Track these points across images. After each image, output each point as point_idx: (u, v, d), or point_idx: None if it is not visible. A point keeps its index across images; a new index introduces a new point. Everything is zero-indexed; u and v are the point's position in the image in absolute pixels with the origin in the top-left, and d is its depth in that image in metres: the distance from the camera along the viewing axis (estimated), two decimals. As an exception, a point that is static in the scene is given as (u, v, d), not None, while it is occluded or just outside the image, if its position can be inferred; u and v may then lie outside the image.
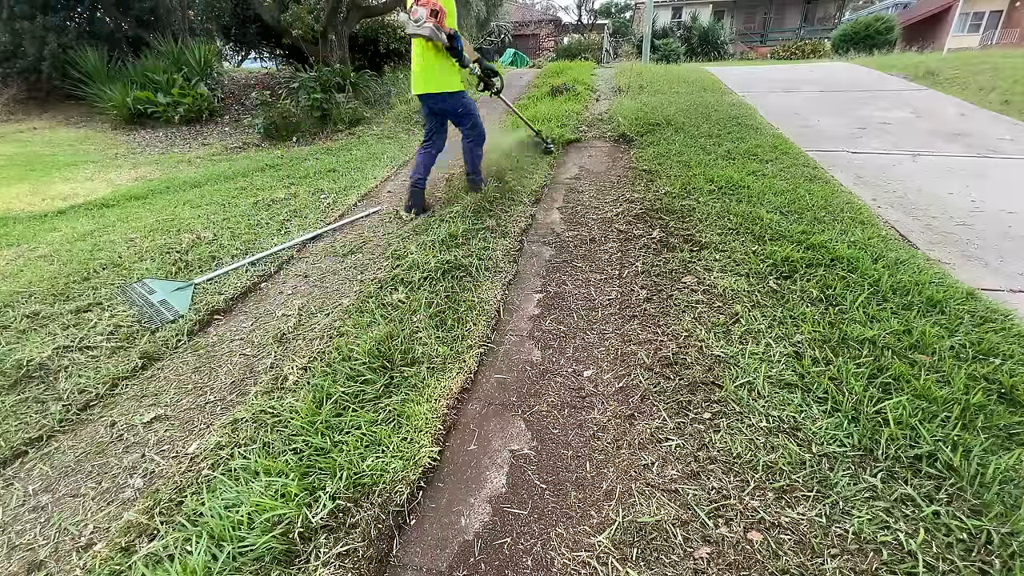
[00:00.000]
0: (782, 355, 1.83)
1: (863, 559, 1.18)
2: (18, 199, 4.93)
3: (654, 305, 2.27)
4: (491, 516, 1.42)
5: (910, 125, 4.86)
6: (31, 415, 1.91)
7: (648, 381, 1.82)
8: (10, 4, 7.51)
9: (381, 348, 1.98)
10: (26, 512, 1.55)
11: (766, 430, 1.54)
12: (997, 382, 1.61)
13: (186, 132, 7.37)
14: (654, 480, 1.45)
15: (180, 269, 2.98)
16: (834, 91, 6.57)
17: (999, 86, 5.93)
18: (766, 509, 1.32)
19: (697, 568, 1.21)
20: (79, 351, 2.24)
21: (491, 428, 1.74)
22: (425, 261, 2.64)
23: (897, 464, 1.39)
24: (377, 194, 4.23)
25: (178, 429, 1.83)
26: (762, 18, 25.64)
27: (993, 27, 21.46)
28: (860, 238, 2.56)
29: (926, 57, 9.12)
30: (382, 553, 1.32)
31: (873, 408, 1.55)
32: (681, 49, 18.43)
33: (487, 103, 6.41)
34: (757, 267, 2.39)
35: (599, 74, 9.06)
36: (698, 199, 3.19)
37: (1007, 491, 1.28)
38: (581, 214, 3.40)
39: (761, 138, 4.37)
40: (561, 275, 2.66)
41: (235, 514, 1.34)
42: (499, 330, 2.27)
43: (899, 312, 1.98)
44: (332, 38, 7.72)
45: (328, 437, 1.61)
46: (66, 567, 1.35)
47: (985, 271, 2.42)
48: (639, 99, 6.26)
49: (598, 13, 30.04)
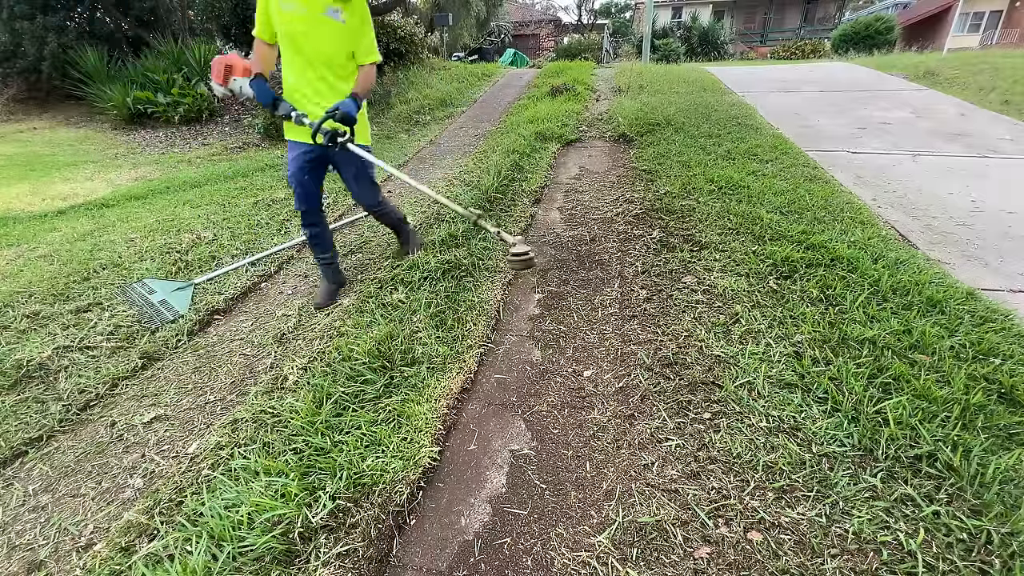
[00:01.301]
0: (782, 355, 1.83)
1: (863, 559, 1.18)
2: (18, 199, 4.93)
3: (654, 305, 2.27)
4: (491, 516, 1.42)
5: (910, 125, 4.86)
6: (31, 415, 1.91)
7: (648, 381, 1.82)
8: (10, 4, 7.51)
9: (381, 348, 1.98)
10: (26, 512, 1.55)
11: (766, 430, 1.54)
12: (997, 382, 1.61)
13: (186, 132, 7.37)
14: (654, 480, 1.45)
15: (180, 269, 2.98)
16: (834, 91, 6.57)
17: (999, 86, 5.93)
18: (766, 509, 1.32)
19: (697, 568, 1.21)
20: (79, 351, 2.24)
21: (491, 428, 1.74)
22: (425, 261, 2.64)
23: (897, 464, 1.39)
24: (377, 194, 4.22)
25: (178, 429, 1.83)
26: (762, 18, 25.63)
27: (993, 27, 21.46)
28: (860, 238, 2.56)
29: (926, 57, 9.12)
30: (382, 553, 1.32)
31: (873, 408, 1.55)
32: (681, 49, 18.42)
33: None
34: (757, 267, 2.39)
35: (599, 74, 9.06)
36: (698, 199, 3.19)
37: (1007, 491, 1.28)
38: (581, 214, 3.40)
39: (761, 138, 4.37)
40: (561, 275, 2.66)
41: (235, 514, 1.34)
42: (499, 330, 2.27)
43: (899, 312, 1.98)
44: (332, 38, 7.71)
45: (328, 437, 1.60)
46: (66, 567, 1.35)
47: (985, 271, 2.42)
48: (639, 99, 6.26)
49: (598, 13, 30.07)
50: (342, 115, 2.04)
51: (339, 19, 2.08)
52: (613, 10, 31.43)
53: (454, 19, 13.79)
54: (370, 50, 2.21)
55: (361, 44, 2.18)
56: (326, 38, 2.11)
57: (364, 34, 2.18)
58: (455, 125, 6.60)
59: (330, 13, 2.06)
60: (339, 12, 2.07)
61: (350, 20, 2.11)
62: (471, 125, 6.48)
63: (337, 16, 2.07)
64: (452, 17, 13.17)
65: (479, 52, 17.95)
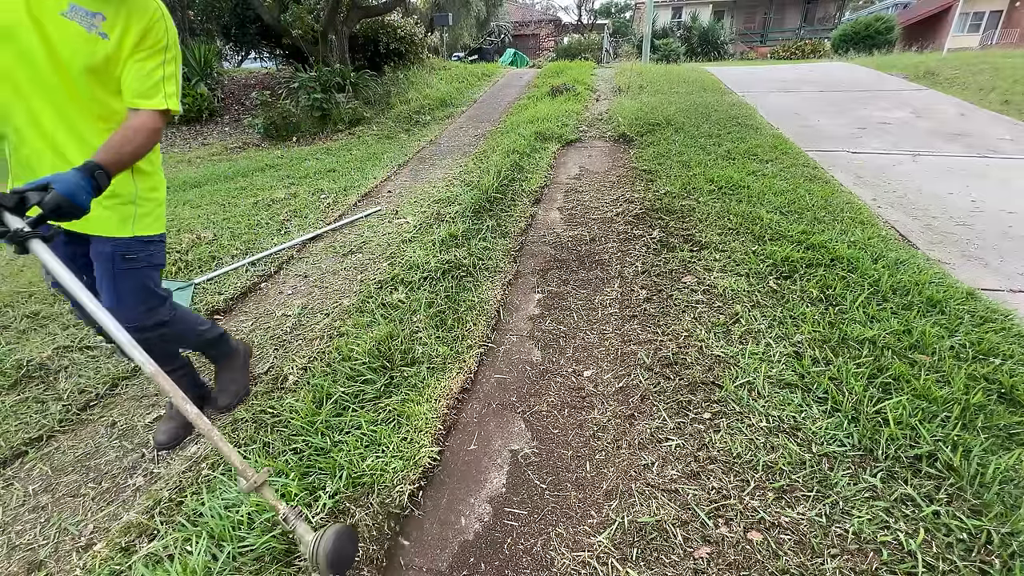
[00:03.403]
0: (782, 355, 1.83)
1: (863, 559, 1.18)
2: (18, 199, 4.92)
3: (654, 305, 2.27)
4: (491, 516, 1.42)
5: (910, 125, 4.86)
6: (31, 415, 1.91)
7: (648, 381, 1.82)
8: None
9: (381, 348, 1.98)
10: (26, 512, 1.55)
11: (766, 430, 1.54)
12: (997, 382, 1.61)
13: (186, 132, 7.36)
14: (654, 480, 1.45)
15: (180, 269, 2.98)
16: (834, 91, 6.57)
17: (999, 86, 5.93)
18: (766, 509, 1.32)
19: (697, 568, 1.21)
20: (79, 351, 2.24)
21: (491, 428, 1.74)
22: (425, 261, 2.64)
23: (897, 464, 1.39)
24: (377, 194, 4.23)
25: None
26: (762, 18, 25.63)
27: (993, 27, 21.45)
28: (860, 238, 2.56)
29: (926, 57, 9.12)
30: (382, 553, 1.32)
31: (873, 408, 1.55)
32: (681, 49, 18.43)
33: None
34: (757, 267, 2.39)
35: (599, 74, 9.06)
36: (698, 199, 3.19)
37: (1007, 491, 1.28)
38: (581, 214, 3.40)
39: (761, 138, 4.37)
40: (561, 275, 2.66)
41: (235, 514, 1.34)
42: (499, 330, 2.27)
43: (899, 312, 1.98)
44: (332, 38, 7.72)
45: (328, 437, 1.60)
46: (66, 567, 1.35)
47: (985, 271, 2.42)
48: (639, 99, 6.26)
49: (598, 13, 30.09)
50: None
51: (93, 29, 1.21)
52: (613, 10, 31.44)
53: (454, 19, 13.80)
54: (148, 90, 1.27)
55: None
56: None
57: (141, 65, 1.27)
58: (455, 125, 6.60)
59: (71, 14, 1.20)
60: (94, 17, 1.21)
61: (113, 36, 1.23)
62: (471, 125, 6.48)
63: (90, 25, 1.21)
64: (452, 17, 13.18)
65: (479, 52, 17.95)
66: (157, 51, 1.29)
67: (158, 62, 1.30)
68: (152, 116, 1.28)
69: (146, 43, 1.27)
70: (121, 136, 1.22)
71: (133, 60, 1.26)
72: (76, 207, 1.08)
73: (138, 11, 1.25)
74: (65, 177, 1.08)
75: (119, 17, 1.23)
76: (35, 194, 1.05)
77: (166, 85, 1.30)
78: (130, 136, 1.23)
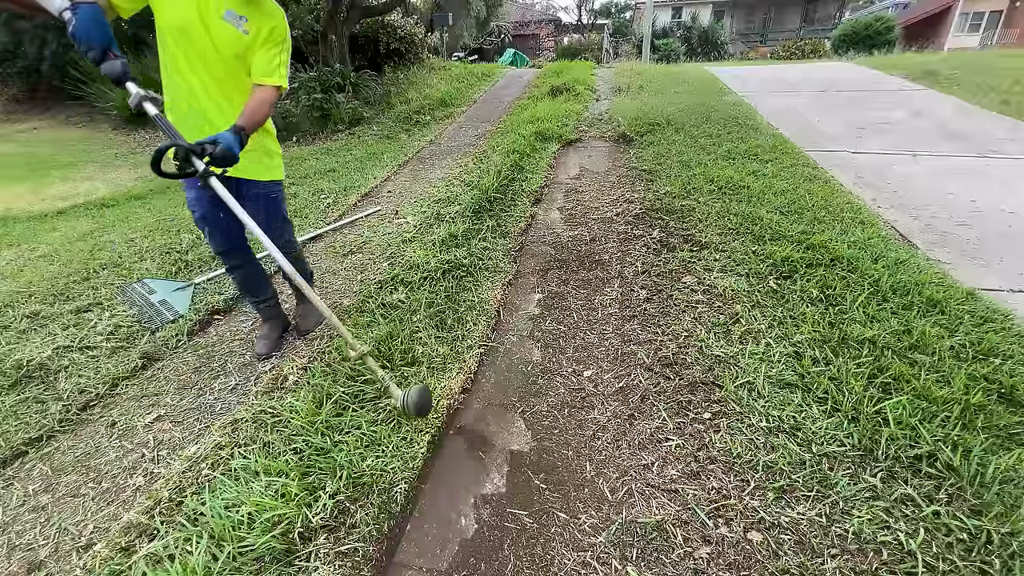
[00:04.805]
0: (782, 355, 1.83)
1: (863, 559, 1.18)
2: (18, 199, 4.93)
3: (654, 305, 2.27)
4: (491, 516, 1.42)
5: (910, 125, 4.86)
6: (31, 415, 1.91)
7: (648, 381, 1.82)
8: (10, 4, 7.50)
9: (381, 348, 1.98)
10: (26, 512, 1.55)
11: (766, 430, 1.54)
12: (997, 382, 1.61)
13: (186, 132, 7.35)
14: (654, 480, 1.45)
15: (180, 269, 2.98)
16: (834, 91, 6.57)
17: (999, 86, 5.93)
18: (766, 509, 1.32)
19: (697, 568, 1.21)
20: (79, 351, 2.24)
21: (491, 428, 1.74)
22: (425, 261, 2.64)
23: (897, 464, 1.39)
24: (377, 194, 4.23)
25: (178, 429, 1.83)
26: (762, 18, 25.62)
27: (993, 27, 21.44)
28: (860, 238, 2.56)
29: (926, 57, 9.12)
30: (382, 553, 1.32)
31: (873, 408, 1.55)
32: (681, 49, 18.44)
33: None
34: (757, 267, 2.39)
35: (599, 74, 9.06)
36: (698, 199, 3.19)
37: (1007, 491, 1.28)
38: (581, 214, 3.40)
39: (761, 138, 4.37)
40: (561, 275, 2.66)
41: (235, 514, 1.33)
42: (499, 330, 2.27)
43: (899, 312, 1.98)
44: (332, 38, 7.72)
45: (328, 437, 1.60)
46: (66, 567, 1.35)
47: (985, 271, 2.42)
48: (639, 99, 6.27)
49: (598, 13, 30.06)
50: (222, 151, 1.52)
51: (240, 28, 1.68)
52: (613, 10, 31.40)
53: (454, 19, 13.78)
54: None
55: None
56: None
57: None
58: (455, 125, 6.60)
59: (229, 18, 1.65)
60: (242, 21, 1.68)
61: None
62: (471, 125, 6.48)
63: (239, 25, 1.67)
64: (452, 17, 13.17)
65: (479, 52, 17.96)
66: (277, 43, 1.74)
67: (277, 51, 1.74)
68: (271, 90, 1.73)
69: (272, 38, 1.72)
70: (252, 106, 1.68)
71: (262, 49, 1.71)
72: (233, 156, 1.54)
73: (268, 14, 1.72)
74: (226, 135, 1.54)
75: (256, 19, 1.70)
76: (210, 146, 1.50)
77: (281, 68, 1.75)
78: (257, 106, 1.69)
